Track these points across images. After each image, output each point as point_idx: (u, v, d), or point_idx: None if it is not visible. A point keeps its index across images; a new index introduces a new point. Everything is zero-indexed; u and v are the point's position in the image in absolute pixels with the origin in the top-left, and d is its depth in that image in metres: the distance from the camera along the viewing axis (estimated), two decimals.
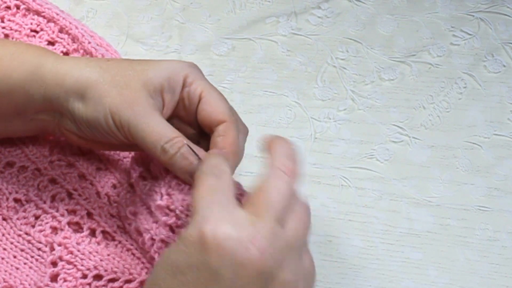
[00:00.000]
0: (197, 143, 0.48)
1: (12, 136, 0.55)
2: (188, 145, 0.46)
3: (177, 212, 0.47)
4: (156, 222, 0.48)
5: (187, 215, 0.46)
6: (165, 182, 0.48)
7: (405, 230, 0.57)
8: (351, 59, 0.64)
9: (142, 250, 0.52)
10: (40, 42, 0.60)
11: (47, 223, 0.53)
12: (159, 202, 0.47)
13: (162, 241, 0.48)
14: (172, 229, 0.47)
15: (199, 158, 0.45)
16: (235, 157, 0.47)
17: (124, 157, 0.56)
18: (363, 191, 0.59)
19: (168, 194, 0.47)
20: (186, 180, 0.47)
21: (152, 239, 0.48)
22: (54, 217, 0.54)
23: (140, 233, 0.50)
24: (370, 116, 0.62)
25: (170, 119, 0.49)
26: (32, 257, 0.53)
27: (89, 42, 0.59)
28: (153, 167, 0.50)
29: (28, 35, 0.60)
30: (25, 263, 0.52)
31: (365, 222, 0.57)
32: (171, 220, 0.47)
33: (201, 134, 0.50)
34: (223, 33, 0.66)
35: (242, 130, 0.49)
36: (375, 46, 0.65)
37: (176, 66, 0.48)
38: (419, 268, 0.56)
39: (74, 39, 0.60)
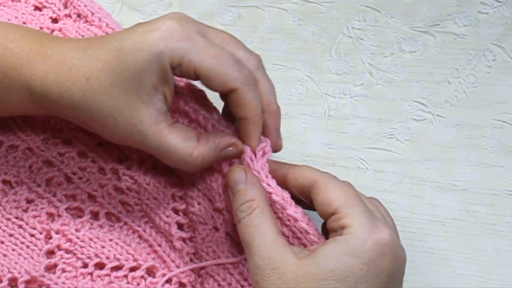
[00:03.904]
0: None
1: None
2: (206, 150, 0.48)
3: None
4: (220, 212, 0.50)
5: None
6: (220, 177, 0.50)
7: (428, 217, 0.57)
8: (368, 29, 0.63)
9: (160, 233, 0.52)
10: (26, 7, 0.59)
11: (42, 208, 0.52)
12: (217, 204, 0.50)
13: (228, 233, 0.50)
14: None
15: (222, 147, 0.48)
16: (256, 121, 0.48)
17: None
18: (382, 174, 0.58)
19: (225, 194, 0.50)
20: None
21: (216, 227, 0.50)
22: (50, 202, 0.53)
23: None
24: (390, 91, 0.61)
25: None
26: (22, 243, 0.51)
27: (86, 5, 0.58)
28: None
29: None
30: (13, 249, 0.51)
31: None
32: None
33: None
34: (228, 0, 0.64)
35: (265, 85, 0.49)
36: (395, 15, 0.64)
37: (156, 56, 0.45)
38: (443, 259, 0.55)
39: (66, 4, 0.59)
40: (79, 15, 0.58)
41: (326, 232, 0.46)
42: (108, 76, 0.46)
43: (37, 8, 0.59)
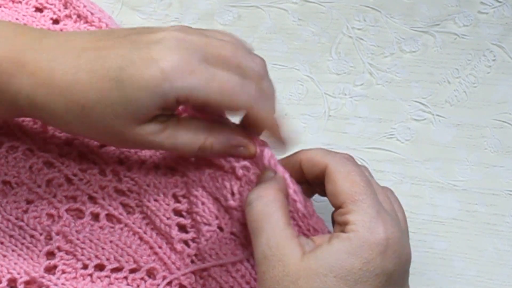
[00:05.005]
0: None
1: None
2: (217, 141, 0.47)
3: None
4: (227, 212, 0.49)
5: None
6: (236, 179, 0.49)
7: (428, 217, 0.56)
8: (369, 29, 0.63)
9: (159, 233, 0.51)
10: (27, 8, 0.59)
11: (42, 209, 0.52)
12: (230, 202, 0.49)
13: (233, 233, 0.49)
14: (243, 224, 0.48)
15: (232, 145, 0.48)
16: (275, 131, 0.48)
17: None
18: (382, 174, 0.58)
19: (240, 193, 0.48)
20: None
21: (220, 228, 0.49)
22: (50, 203, 0.52)
23: (194, 216, 0.51)
24: (390, 91, 0.61)
25: None
26: (22, 244, 0.51)
27: (85, 6, 0.58)
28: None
29: (13, 1, 0.59)
30: (13, 250, 0.51)
31: None
32: (244, 219, 0.47)
33: None
34: (228, 0, 0.64)
35: (268, 96, 0.47)
36: (395, 15, 0.64)
37: (160, 93, 0.43)
38: (443, 259, 0.55)
39: (66, 4, 0.59)
40: (79, 16, 0.58)
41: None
42: (106, 107, 0.43)
43: (37, 10, 0.59)
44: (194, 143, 0.46)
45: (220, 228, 0.50)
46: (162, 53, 0.43)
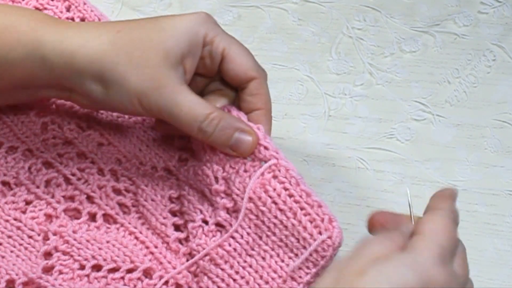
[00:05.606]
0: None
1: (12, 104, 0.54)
2: (225, 118, 0.48)
3: (234, 196, 0.48)
4: (212, 205, 0.50)
5: (242, 198, 0.48)
6: (217, 165, 0.49)
7: None
8: (368, 29, 0.63)
9: (154, 232, 0.52)
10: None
11: (40, 209, 0.52)
12: (215, 186, 0.49)
13: (218, 223, 0.49)
14: (229, 211, 0.49)
15: (238, 128, 0.48)
16: (270, 114, 0.50)
17: (129, 127, 0.55)
18: (382, 174, 0.58)
19: (224, 179, 0.49)
20: (228, 153, 0.49)
21: (205, 220, 0.50)
22: (48, 203, 0.52)
23: (184, 214, 0.51)
24: (390, 91, 0.61)
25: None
26: (20, 245, 0.51)
27: (92, 10, 0.59)
28: (195, 146, 0.51)
29: (13, 1, 0.59)
30: (11, 251, 0.51)
31: (384, 208, 0.54)
32: (230, 204, 0.48)
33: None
34: (228, 0, 0.64)
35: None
36: (395, 15, 0.64)
37: (194, 26, 0.48)
38: None
39: (69, 7, 0.59)
40: (83, 19, 0.58)
41: None
42: (140, 32, 0.47)
43: (38, 10, 0.58)
44: (203, 109, 0.47)
45: (204, 221, 0.50)
46: (194, 12, 0.49)
